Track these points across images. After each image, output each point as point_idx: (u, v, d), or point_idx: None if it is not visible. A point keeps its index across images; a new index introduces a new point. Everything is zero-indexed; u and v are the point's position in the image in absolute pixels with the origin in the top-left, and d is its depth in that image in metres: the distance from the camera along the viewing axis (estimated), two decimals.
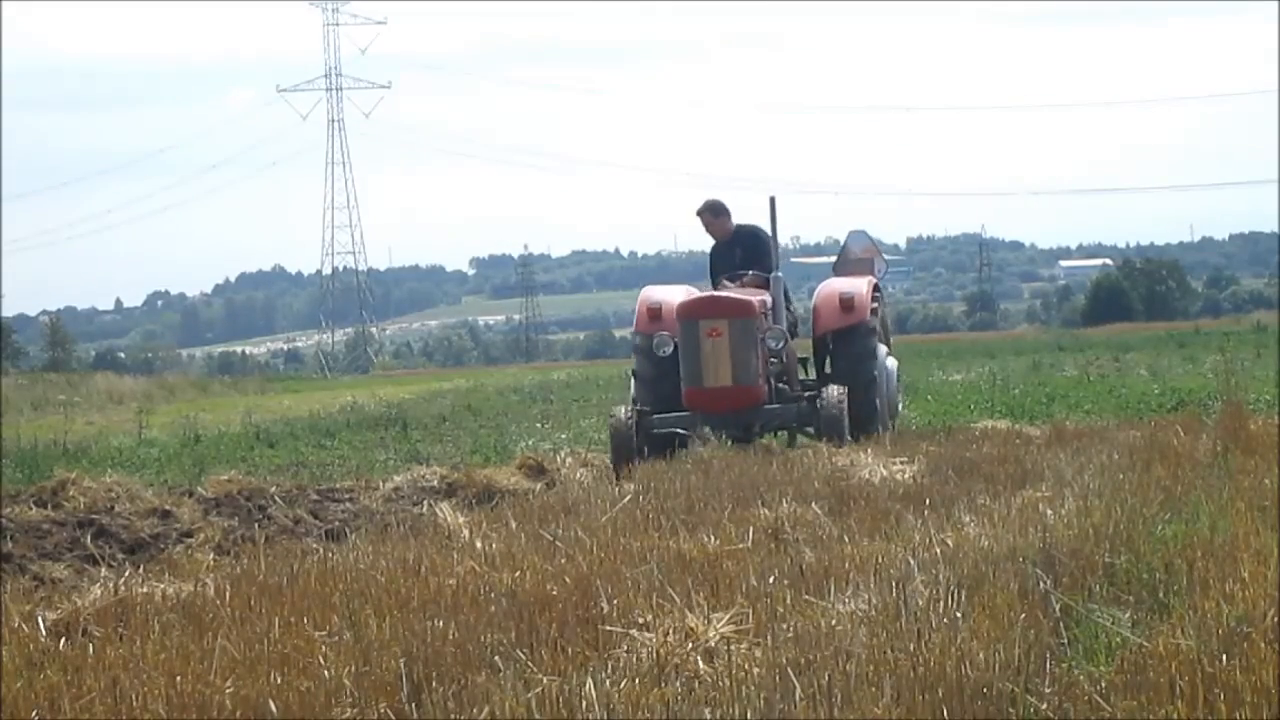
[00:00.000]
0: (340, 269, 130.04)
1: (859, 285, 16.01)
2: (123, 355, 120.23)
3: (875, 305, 16.03)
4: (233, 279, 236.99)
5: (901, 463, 11.67)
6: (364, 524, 11.46)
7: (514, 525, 9.09)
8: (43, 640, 6.62)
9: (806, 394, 15.28)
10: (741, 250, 16.03)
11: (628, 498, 9.85)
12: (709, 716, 4.94)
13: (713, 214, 16.27)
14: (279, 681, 5.58)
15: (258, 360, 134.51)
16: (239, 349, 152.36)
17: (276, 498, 13.11)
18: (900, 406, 17.24)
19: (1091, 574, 6.57)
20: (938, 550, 7.30)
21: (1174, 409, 18.57)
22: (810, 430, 15.26)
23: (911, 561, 6.86)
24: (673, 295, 15.68)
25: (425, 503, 12.48)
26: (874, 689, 4.96)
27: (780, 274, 15.78)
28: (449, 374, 72.48)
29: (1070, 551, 6.87)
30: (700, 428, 14.59)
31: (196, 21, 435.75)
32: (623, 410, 15.13)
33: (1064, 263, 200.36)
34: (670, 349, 15.08)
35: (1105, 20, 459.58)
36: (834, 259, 18.00)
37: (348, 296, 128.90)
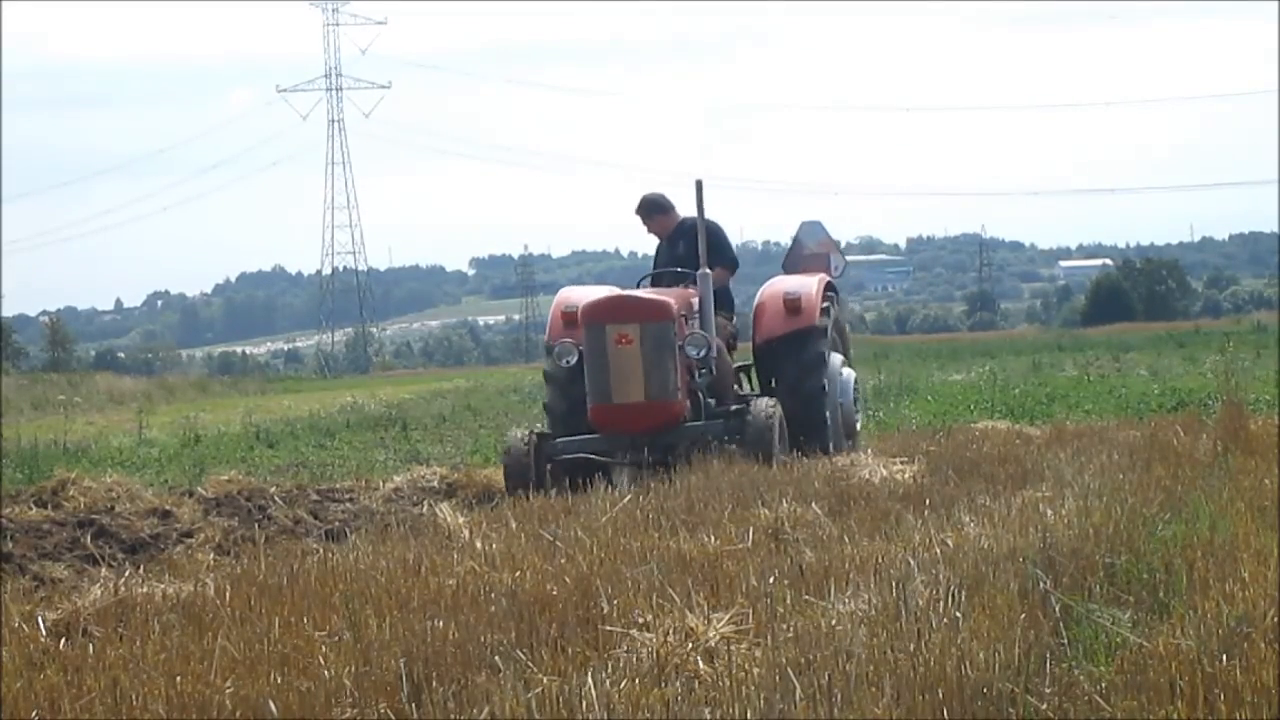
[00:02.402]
0: (340, 269, 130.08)
1: (808, 284, 14.20)
2: (123, 355, 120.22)
3: (827, 305, 14.22)
4: (233, 279, 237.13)
5: (901, 463, 11.68)
6: (364, 524, 11.46)
7: (514, 525, 9.10)
8: (43, 640, 6.62)
9: (733, 407, 13.37)
10: (684, 245, 14.03)
11: (628, 498, 9.86)
12: (709, 716, 4.94)
13: (648, 212, 14.30)
14: (279, 681, 5.58)
15: (258, 360, 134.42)
16: (239, 349, 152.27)
17: (276, 498, 13.11)
18: (859, 424, 14.97)
19: (1091, 574, 6.57)
20: (938, 550, 7.30)
21: (1174, 409, 18.58)
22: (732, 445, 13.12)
23: (911, 561, 6.86)
24: (594, 296, 13.55)
25: (425, 503, 12.48)
26: (874, 689, 4.96)
27: (709, 271, 13.64)
28: (449, 374, 72.49)
29: (1070, 551, 6.87)
30: (615, 453, 12.86)
31: (196, 21, 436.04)
32: (519, 433, 13.34)
33: (1064, 263, 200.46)
34: (574, 359, 13.17)
35: (1105, 20, 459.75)
36: (844, 259, 17.11)
37: (348, 296, 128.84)
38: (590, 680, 5.20)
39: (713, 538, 8.06)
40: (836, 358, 14.36)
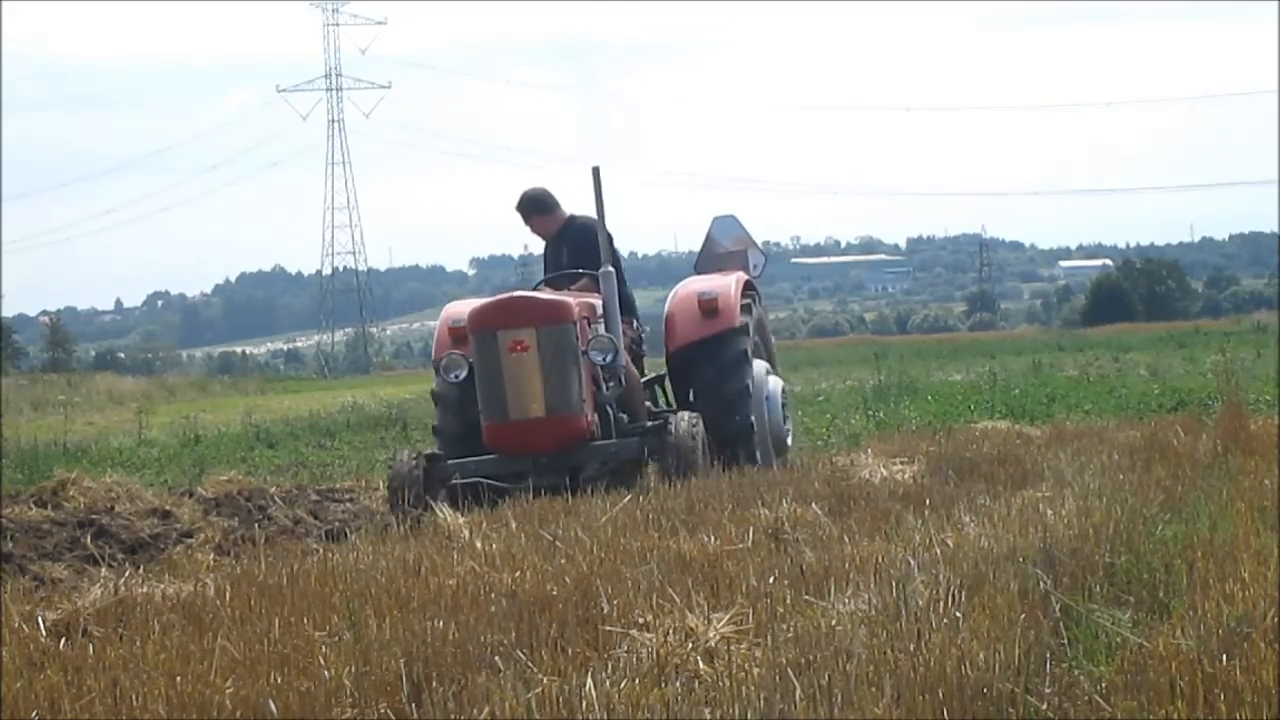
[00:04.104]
0: (340, 269, 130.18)
1: (724, 283, 12.89)
2: (123, 355, 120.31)
3: (748, 304, 12.99)
4: (233, 279, 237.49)
5: (901, 463, 11.67)
6: (364, 524, 11.46)
7: (514, 525, 9.09)
8: (43, 640, 6.61)
9: (650, 423, 11.99)
10: (569, 248, 12.72)
11: (628, 498, 9.85)
12: (709, 716, 4.94)
13: (527, 210, 12.82)
14: (279, 681, 5.58)
15: (258, 360, 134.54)
16: (239, 349, 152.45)
17: (276, 498, 13.12)
18: (789, 439, 13.63)
19: (1091, 574, 6.56)
20: (938, 550, 7.30)
21: (1174, 409, 18.56)
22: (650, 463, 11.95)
23: (911, 561, 6.85)
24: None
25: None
26: (874, 689, 4.96)
27: (612, 269, 12.25)
28: None
29: (1070, 551, 6.87)
30: (515, 476, 11.56)
31: (196, 21, 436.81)
32: (406, 453, 12.02)
33: (1064, 263, 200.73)
34: (464, 373, 11.75)
35: (1106, 20, 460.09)
36: (836, 259, 16.44)
37: (348, 297, 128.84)
38: (590, 680, 5.20)
39: (713, 538, 8.05)
40: (760, 364, 13.14)
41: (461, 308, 12.50)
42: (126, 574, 8.07)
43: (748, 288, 13.19)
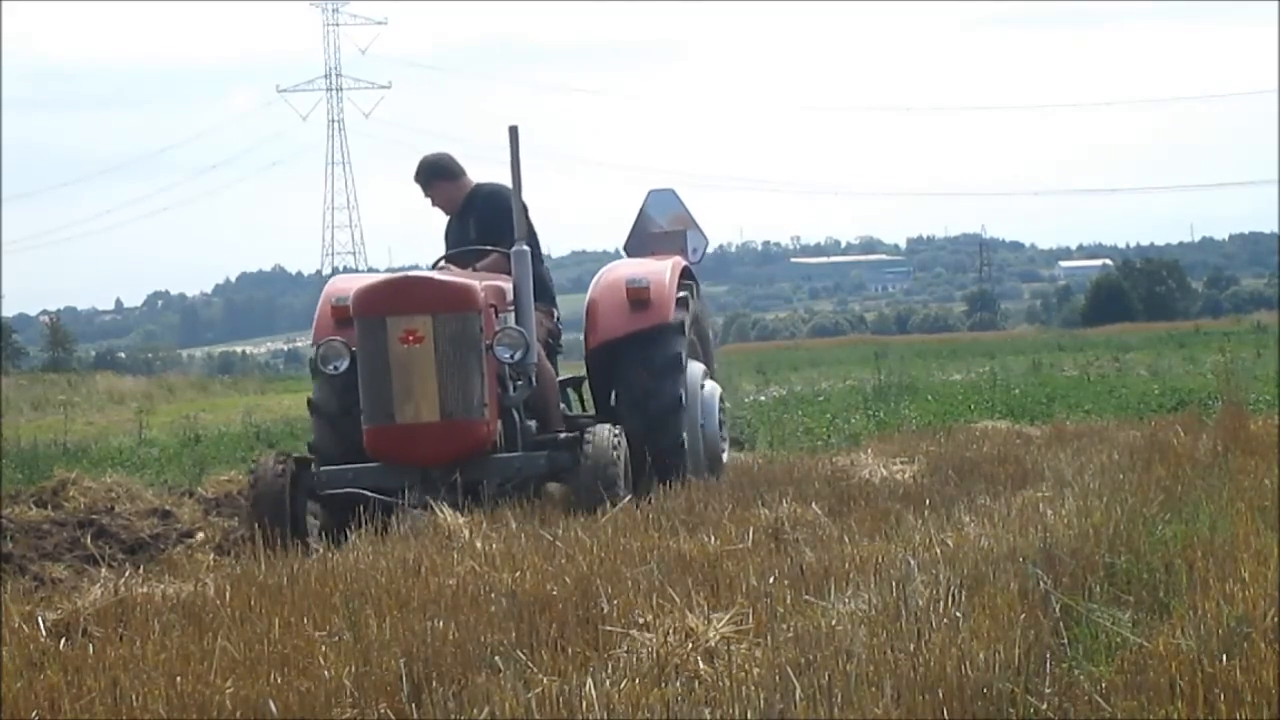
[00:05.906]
0: (340, 269, 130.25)
1: (657, 270, 11.11)
2: (123, 355, 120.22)
3: (684, 296, 11.22)
4: (233, 279, 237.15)
5: (901, 463, 11.67)
6: (364, 524, 11.45)
7: (514, 525, 9.09)
8: (43, 640, 6.62)
9: (563, 434, 10.35)
10: (476, 220, 11.01)
11: (628, 498, 9.85)
12: (709, 716, 4.94)
13: (427, 177, 11.14)
14: (279, 681, 5.58)
15: (258, 360, 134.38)
16: (239, 349, 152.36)
17: None
18: (725, 453, 11.80)
19: (1091, 574, 6.57)
20: (938, 550, 7.31)
21: (1174, 409, 18.55)
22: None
23: (911, 561, 6.86)
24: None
25: (425, 502, 12.46)
26: (874, 689, 4.96)
27: (527, 247, 10.50)
28: None
29: (1070, 551, 6.88)
30: (400, 489, 9.89)
31: (196, 21, 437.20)
32: (272, 459, 10.18)
33: (1064, 263, 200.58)
34: (345, 364, 10.05)
35: (1106, 20, 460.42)
36: (836, 259, 15.42)
37: None
38: (590, 680, 5.20)
39: (713, 538, 8.06)
40: (697, 367, 11.39)
41: (348, 283, 10.78)
42: (126, 574, 8.07)
43: (685, 276, 11.45)
